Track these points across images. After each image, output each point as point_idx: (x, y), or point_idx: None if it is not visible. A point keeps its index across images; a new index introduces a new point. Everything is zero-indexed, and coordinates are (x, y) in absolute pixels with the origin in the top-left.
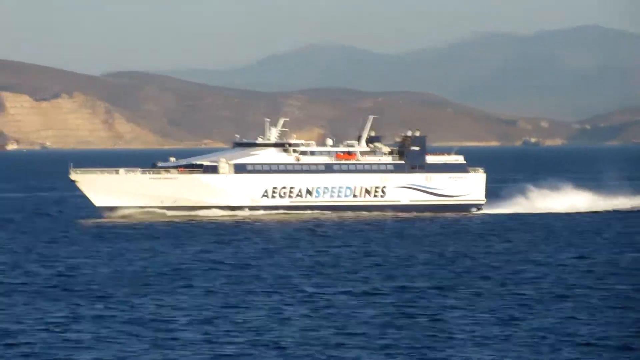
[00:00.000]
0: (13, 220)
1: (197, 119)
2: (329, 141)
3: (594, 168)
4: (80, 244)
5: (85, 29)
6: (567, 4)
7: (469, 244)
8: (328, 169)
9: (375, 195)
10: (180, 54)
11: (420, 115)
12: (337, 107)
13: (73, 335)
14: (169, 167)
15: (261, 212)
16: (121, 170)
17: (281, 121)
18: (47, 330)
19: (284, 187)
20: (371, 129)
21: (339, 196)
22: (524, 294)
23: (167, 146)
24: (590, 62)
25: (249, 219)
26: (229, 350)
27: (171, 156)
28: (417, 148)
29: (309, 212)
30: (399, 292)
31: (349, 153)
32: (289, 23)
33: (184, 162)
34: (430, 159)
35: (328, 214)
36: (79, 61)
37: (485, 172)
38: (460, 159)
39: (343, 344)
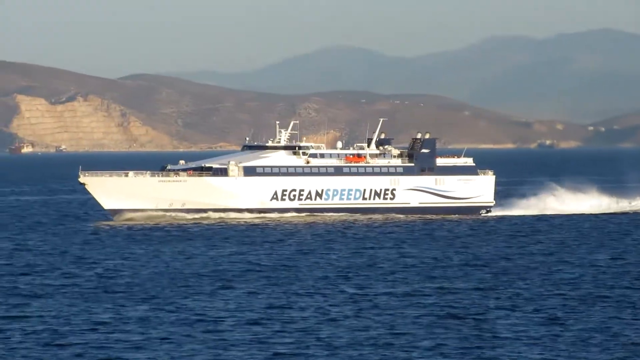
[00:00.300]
0: (42, 222)
1: (213, 122)
2: (339, 144)
3: (615, 170)
4: (113, 246)
5: (101, 31)
6: (580, 8)
7: (501, 245)
8: (337, 171)
9: (384, 198)
10: (196, 57)
11: (437, 118)
12: (354, 110)
13: (122, 336)
14: (179, 170)
15: (291, 214)
16: (130, 173)
17: (291, 124)
18: (96, 330)
19: (294, 190)
20: (381, 131)
21: (348, 199)
22: (564, 295)
23: (182, 149)
24: (604, 65)
25: (278, 220)
26: (280, 349)
27: (181, 159)
28: (426, 151)
29: (331, 214)
30: (439, 293)
31: (359, 156)
32: (305, 26)
33: (193, 164)
34: (440, 161)
35: (357, 215)
36: (94, 64)
37: (494, 174)
38: (469, 162)
39: (392, 344)
